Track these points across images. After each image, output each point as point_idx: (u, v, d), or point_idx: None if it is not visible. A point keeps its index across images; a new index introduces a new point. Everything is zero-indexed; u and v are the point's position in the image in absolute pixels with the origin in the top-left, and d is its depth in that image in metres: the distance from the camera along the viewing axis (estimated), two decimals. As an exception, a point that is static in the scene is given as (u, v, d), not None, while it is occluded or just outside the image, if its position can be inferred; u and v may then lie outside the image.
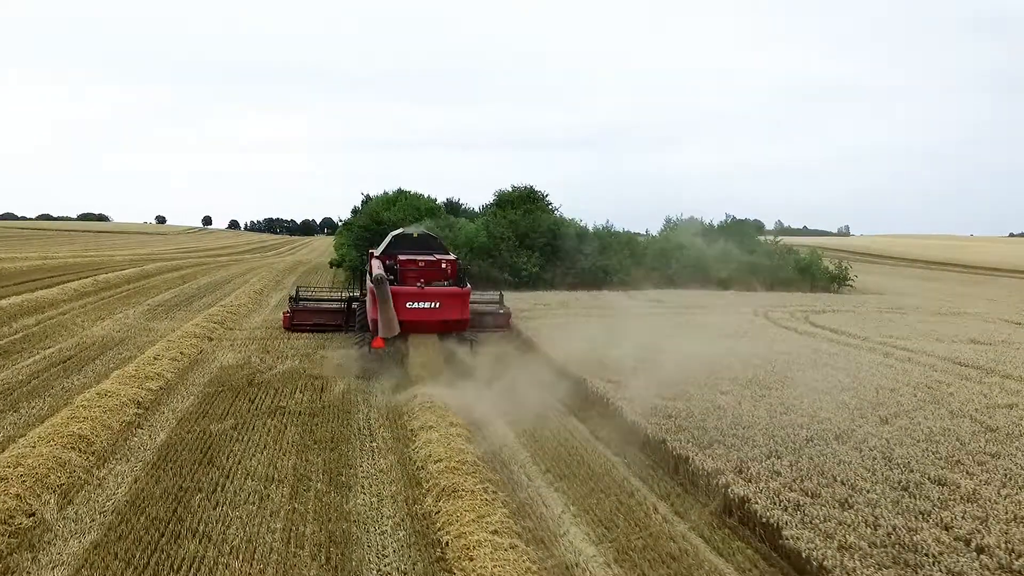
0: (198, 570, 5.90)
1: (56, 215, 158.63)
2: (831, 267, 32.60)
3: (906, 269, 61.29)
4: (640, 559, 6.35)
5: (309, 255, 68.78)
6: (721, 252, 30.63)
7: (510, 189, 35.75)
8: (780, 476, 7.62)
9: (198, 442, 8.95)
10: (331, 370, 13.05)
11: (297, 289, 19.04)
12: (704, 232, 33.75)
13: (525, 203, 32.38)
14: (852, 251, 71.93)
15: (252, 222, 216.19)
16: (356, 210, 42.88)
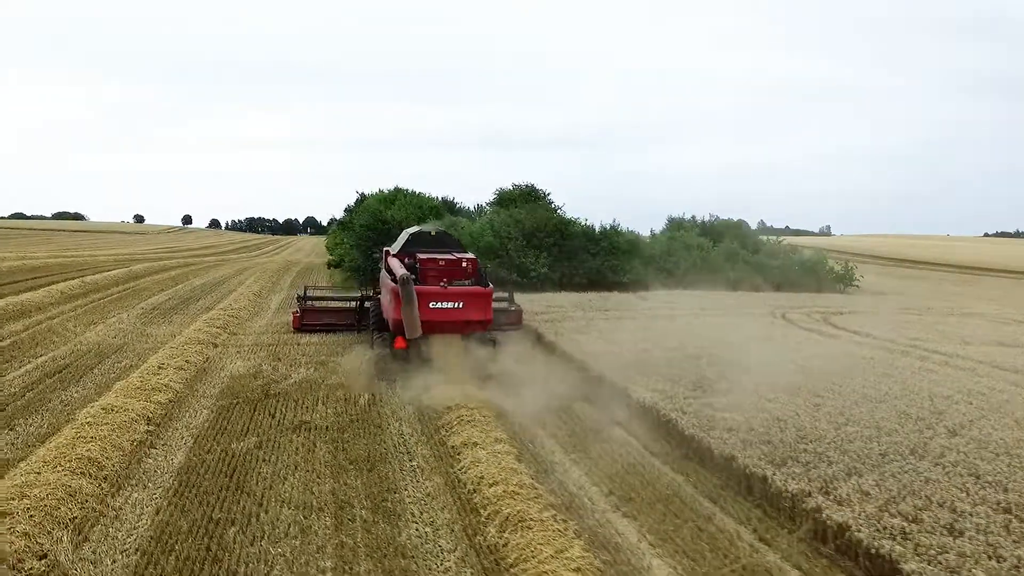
0: (247, 623, 5.10)
1: (29, 214, 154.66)
2: (837, 267, 32.36)
3: (895, 269, 61.58)
4: (743, 598, 5.67)
5: (296, 255, 67.29)
6: (727, 252, 30.19)
7: (510, 187, 35.13)
8: (870, 497, 6.99)
9: (221, 464, 8.09)
10: (351, 378, 12.23)
11: (304, 289, 18.40)
12: (706, 231, 33.33)
13: (526, 201, 31.71)
14: (840, 251, 72.26)
15: (233, 221, 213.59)
16: (350, 209, 41.84)
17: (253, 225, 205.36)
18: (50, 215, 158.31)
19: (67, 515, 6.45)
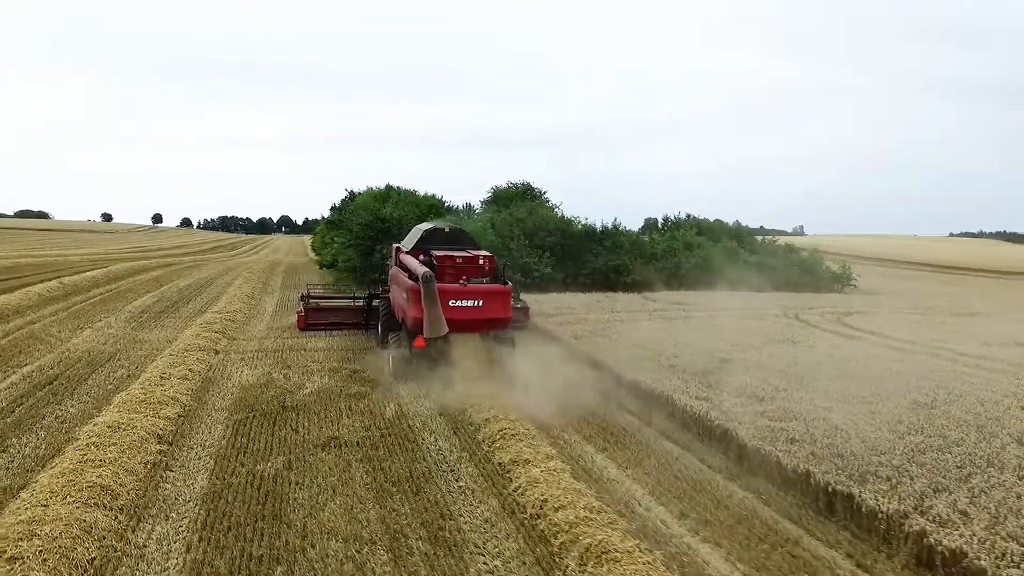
0: None
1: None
2: (834, 267, 32.32)
3: (877, 268, 62.43)
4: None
5: (276, 254, 65.65)
6: (727, 252, 29.90)
7: (506, 185, 34.40)
8: (971, 518, 6.47)
9: (250, 488, 7.26)
10: (371, 386, 11.45)
11: (308, 288, 17.85)
12: (703, 231, 33.03)
13: (523, 200, 31.01)
14: (823, 252, 73.01)
15: (206, 220, 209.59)
16: (337, 207, 40.56)
17: (226, 224, 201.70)
18: (12, 213, 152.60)
19: (84, 556, 5.59)
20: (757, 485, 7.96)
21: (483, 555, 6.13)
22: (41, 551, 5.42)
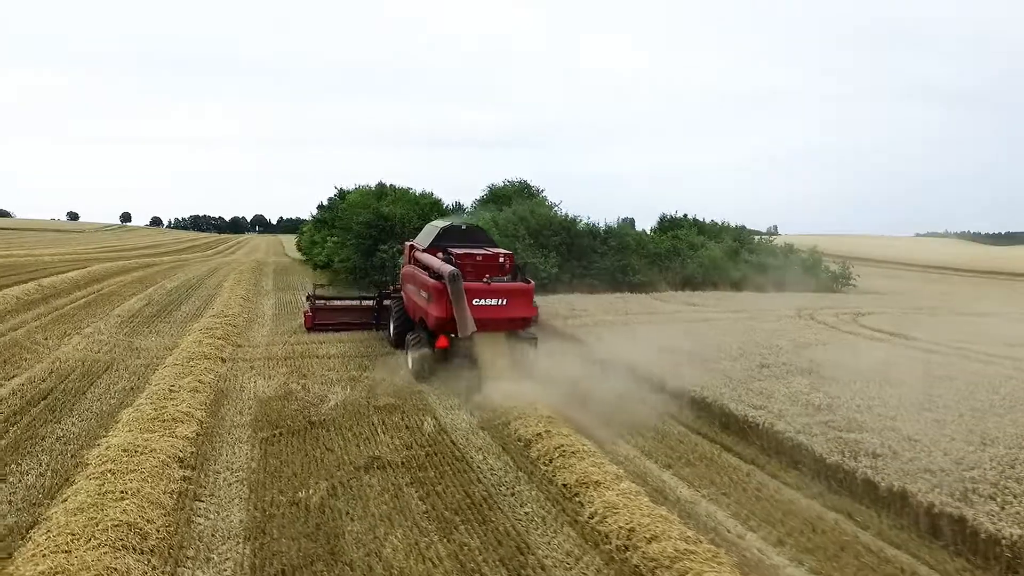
0: None
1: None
2: (833, 267, 32.21)
3: (861, 268, 63.12)
4: None
5: (256, 254, 63.88)
6: (729, 251, 29.55)
7: (502, 184, 33.62)
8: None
9: (295, 521, 6.41)
10: (399, 396, 10.65)
11: (314, 287, 17.99)
12: (703, 231, 32.66)
13: (521, 198, 30.26)
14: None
15: (176, 219, 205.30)
16: (325, 206, 39.29)
17: (198, 223, 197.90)
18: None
19: (121, 614, 4.70)
20: (843, 504, 7.36)
21: (578, 597, 5.40)
22: (71, 612, 4.53)
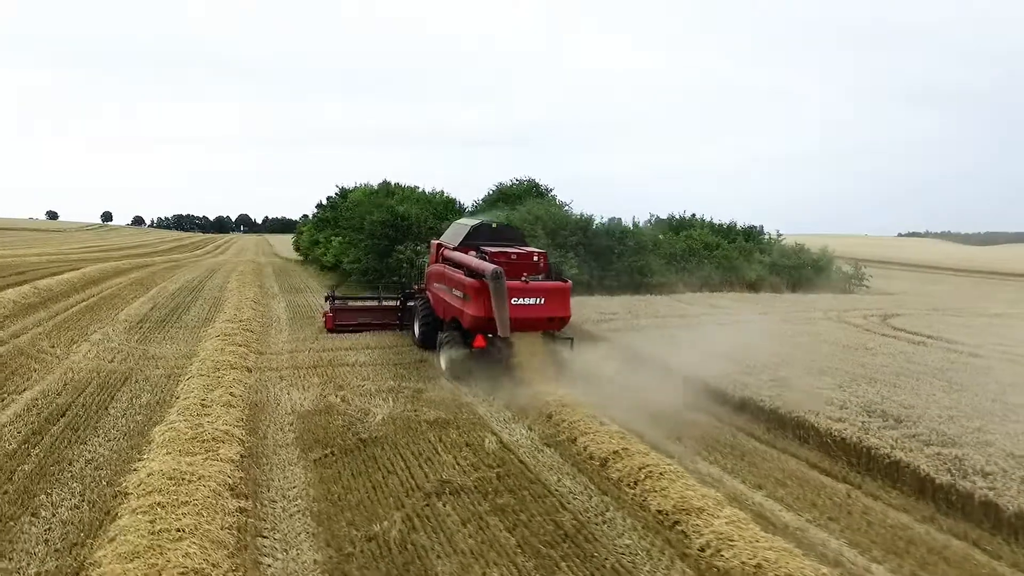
0: None
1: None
2: (846, 267, 31.91)
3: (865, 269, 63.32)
4: None
5: (246, 254, 62.60)
6: (743, 252, 29.10)
7: (510, 183, 32.87)
8: None
9: (377, 561, 5.67)
10: (446, 409, 9.93)
11: (332, 288, 18.12)
12: (715, 230, 32.19)
13: (531, 197, 29.56)
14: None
15: (159, 219, 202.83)
16: (326, 205, 38.31)
17: (181, 223, 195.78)
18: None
19: None
20: (962, 530, 6.76)
21: (721, 652, 4.71)
22: None
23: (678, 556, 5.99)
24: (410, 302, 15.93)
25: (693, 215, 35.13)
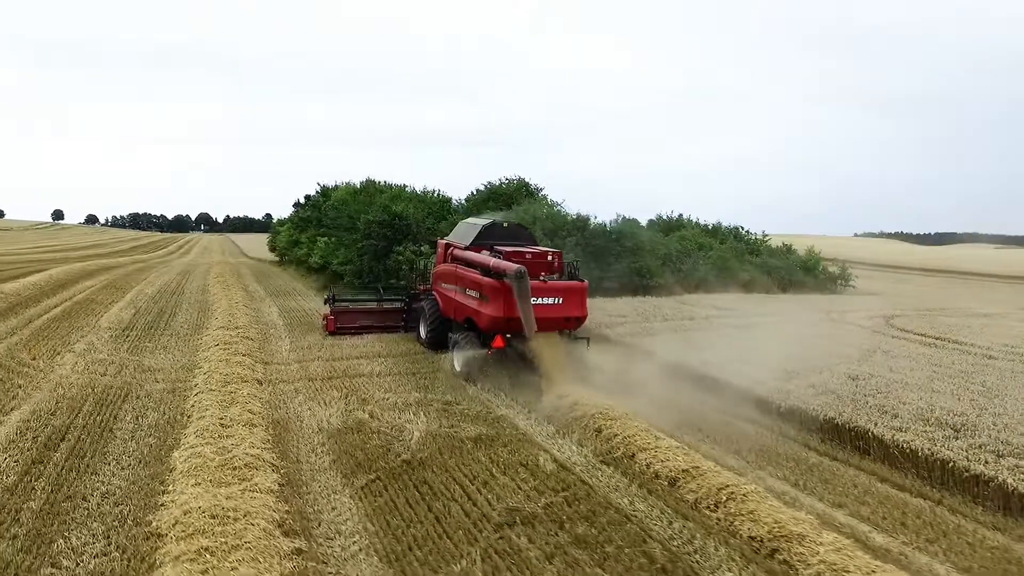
0: None
1: None
2: (832, 268, 32.24)
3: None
4: None
5: (213, 255, 60.43)
6: (735, 252, 29.07)
7: (498, 182, 32.17)
8: None
9: (469, 610, 4.98)
10: (484, 422, 9.31)
11: (332, 290, 17.84)
12: (707, 231, 32.17)
13: (524, 197, 28.94)
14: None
15: (114, 217, 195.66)
16: (303, 204, 36.95)
17: (138, 222, 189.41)
18: None
19: None
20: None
21: None
22: None
23: (789, 592, 5.49)
24: (415, 304, 15.72)
25: (681, 215, 35.12)
